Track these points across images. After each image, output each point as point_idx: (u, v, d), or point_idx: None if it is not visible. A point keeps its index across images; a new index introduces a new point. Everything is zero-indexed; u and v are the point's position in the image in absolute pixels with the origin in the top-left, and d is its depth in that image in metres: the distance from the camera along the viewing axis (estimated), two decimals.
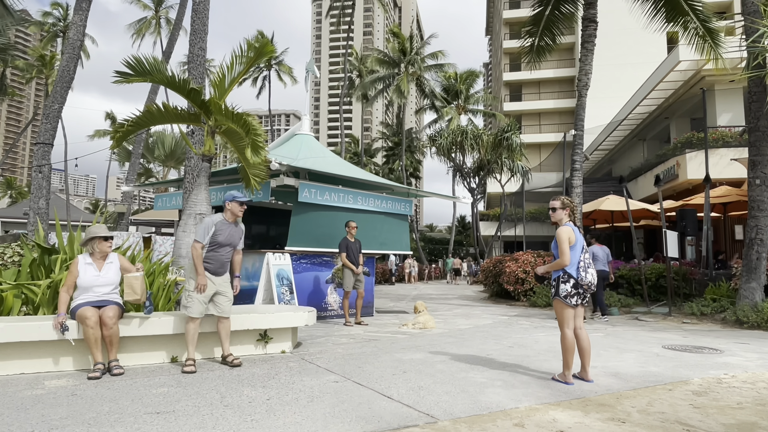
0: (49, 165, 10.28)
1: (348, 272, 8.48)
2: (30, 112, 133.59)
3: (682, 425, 3.29)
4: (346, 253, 8.48)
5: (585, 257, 4.41)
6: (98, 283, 4.60)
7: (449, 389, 4.11)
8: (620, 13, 32.11)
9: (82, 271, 4.58)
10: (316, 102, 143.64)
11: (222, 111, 6.47)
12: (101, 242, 4.68)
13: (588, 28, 12.36)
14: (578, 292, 4.33)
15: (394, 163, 49.59)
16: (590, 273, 4.36)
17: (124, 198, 23.53)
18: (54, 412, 3.38)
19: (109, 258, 4.78)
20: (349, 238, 8.62)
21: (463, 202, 13.33)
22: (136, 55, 6.11)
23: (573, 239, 4.38)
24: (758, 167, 9.11)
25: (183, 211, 7.63)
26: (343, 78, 35.72)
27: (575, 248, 4.38)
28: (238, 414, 3.38)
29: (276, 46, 43.49)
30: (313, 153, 9.87)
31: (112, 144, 6.89)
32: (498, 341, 6.77)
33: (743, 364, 5.24)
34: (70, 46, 10.62)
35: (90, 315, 4.40)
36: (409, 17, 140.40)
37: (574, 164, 12.48)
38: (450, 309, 11.89)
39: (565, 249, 4.32)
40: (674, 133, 20.97)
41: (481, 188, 32.55)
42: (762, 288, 8.77)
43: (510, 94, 42.09)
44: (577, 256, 4.37)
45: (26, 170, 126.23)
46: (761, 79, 8.60)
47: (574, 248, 4.38)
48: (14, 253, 5.89)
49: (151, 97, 21.10)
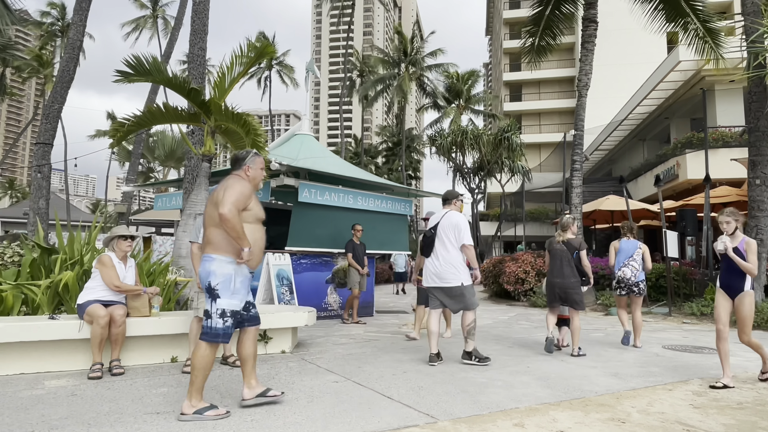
0: (49, 165, 10.28)
1: (354, 272, 8.69)
2: (30, 112, 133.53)
3: (682, 425, 3.29)
4: (352, 254, 8.72)
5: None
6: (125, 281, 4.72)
7: (449, 389, 4.11)
8: (620, 14, 32.11)
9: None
10: (316, 102, 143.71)
11: (222, 111, 6.47)
12: (120, 241, 4.74)
13: (588, 28, 12.37)
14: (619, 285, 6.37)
15: (394, 163, 49.58)
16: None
17: (124, 198, 23.54)
18: (54, 412, 3.38)
19: (129, 261, 4.88)
20: (355, 240, 8.86)
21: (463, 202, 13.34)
22: (136, 55, 6.10)
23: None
24: (758, 167, 9.11)
25: (183, 211, 7.63)
26: (343, 78, 35.72)
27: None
28: (237, 414, 3.38)
29: (277, 47, 43.59)
30: (313, 153, 9.87)
31: (112, 143, 6.89)
32: (498, 341, 6.77)
33: (743, 364, 5.23)
34: (70, 46, 10.62)
35: (104, 314, 4.40)
36: (410, 17, 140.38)
37: (574, 164, 12.49)
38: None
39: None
40: (674, 133, 20.97)
41: (481, 188, 32.53)
42: (762, 288, 8.77)
43: (510, 94, 42.08)
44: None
45: (26, 170, 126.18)
46: (761, 79, 8.61)
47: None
48: (14, 253, 5.88)
49: (151, 97, 21.12)
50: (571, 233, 5.91)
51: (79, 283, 5.30)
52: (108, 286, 4.56)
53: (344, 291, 9.35)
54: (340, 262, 9.44)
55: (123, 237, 4.75)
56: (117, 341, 4.51)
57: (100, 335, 4.36)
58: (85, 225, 7.02)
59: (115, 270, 4.61)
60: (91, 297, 4.53)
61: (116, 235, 4.76)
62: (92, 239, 5.97)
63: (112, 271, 4.59)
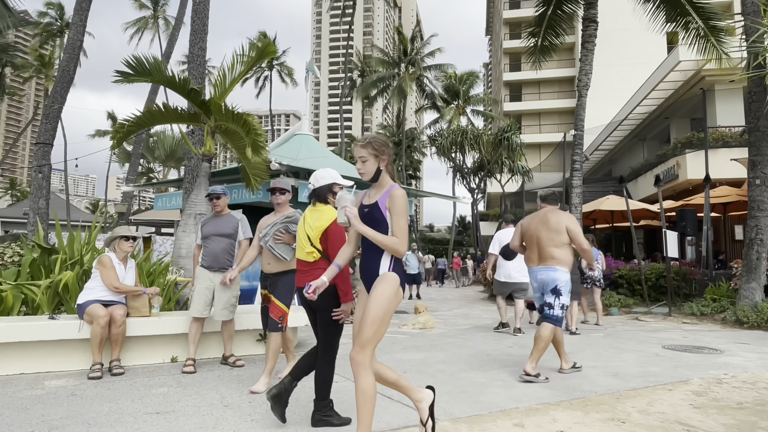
0: (49, 165, 10.28)
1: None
2: (30, 112, 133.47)
3: (682, 425, 3.29)
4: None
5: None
6: (125, 282, 4.73)
7: (449, 389, 4.11)
8: (620, 14, 32.18)
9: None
10: (316, 102, 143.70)
11: (222, 111, 6.47)
12: (122, 242, 4.75)
13: (588, 28, 12.36)
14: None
15: (394, 163, 49.52)
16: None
17: (124, 198, 23.55)
18: (54, 412, 3.38)
19: (130, 262, 4.89)
20: None
21: (463, 202, 13.36)
22: (136, 55, 6.10)
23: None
24: (758, 167, 9.10)
25: (183, 211, 7.63)
26: (343, 78, 35.72)
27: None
28: (238, 414, 3.38)
29: (277, 47, 43.53)
30: (312, 153, 9.88)
31: (112, 144, 6.90)
32: (498, 341, 6.77)
33: (743, 364, 5.24)
34: (70, 46, 10.61)
35: (103, 314, 4.40)
36: (410, 17, 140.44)
37: (574, 164, 12.49)
38: (450, 309, 11.89)
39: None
40: (674, 133, 20.96)
41: (481, 188, 32.53)
42: (762, 288, 8.76)
43: (510, 94, 42.07)
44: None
45: (26, 170, 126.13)
46: (761, 79, 8.59)
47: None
48: (14, 253, 5.89)
49: (151, 97, 21.12)
50: None
51: (79, 283, 5.31)
52: (107, 287, 4.57)
53: None
54: None
55: (125, 238, 4.75)
56: (117, 341, 4.51)
57: (100, 335, 4.36)
58: (85, 225, 7.02)
59: (114, 271, 4.62)
60: (90, 297, 4.53)
61: (118, 236, 4.76)
62: (92, 239, 5.97)
63: (111, 272, 4.60)
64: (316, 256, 3.31)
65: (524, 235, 4.83)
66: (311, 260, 3.32)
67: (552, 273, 4.52)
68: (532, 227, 4.72)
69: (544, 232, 4.59)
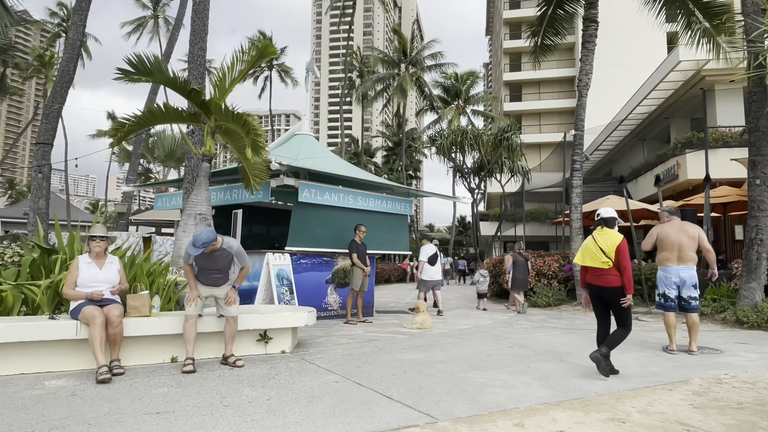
0: (49, 165, 10.28)
1: (358, 272, 8.73)
2: (30, 112, 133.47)
3: (682, 425, 3.29)
4: (356, 254, 8.74)
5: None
6: (98, 280, 4.65)
7: (449, 389, 4.11)
8: (621, 14, 32.21)
9: (83, 269, 4.64)
10: (316, 102, 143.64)
11: (222, 111, 6.47)
12: (90, 241, 4.78)
13: (589, 28, 12.37)
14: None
15: (394, 163, 49.58)
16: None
17: (124, 198, 23.54)
18: (54, 412, 3.38)
19: (109, 258, 4.86)
20: (357, 240, 8.88)
21: (463, 202, 13.35)
22: (138, 54, 6.09)
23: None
24: (758, 167, 9.10)
25: (183, 211, 7.63)
26: (343, 78, 35.74)
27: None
28: (238, 414, 3.38)
29: (277, 47, 43.53)
30: (313, 153, 9.87)
31: (112, 143, 6.89)
32: (498, 341, 6.77)
33: (743, 364, 5.24)
34: (70, 46, 10.62)
35: (97, 314, 4.38)
36: (410, 17, 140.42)
37: (574, 164, 12.49)
38: (450, 309, 11.89)
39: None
40: (674, 133, 20.96)
41: (481, 188, 32.53)
42: (762, 288, 8.76)
43: (510, 94, 42.08)
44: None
45: (26, 170, 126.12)
46: (761, 79, 8.59)
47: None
48: (14, 253, 5.88)
49: (151, 97, 21.11)
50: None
51: None
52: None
53: (344, 291, 9.36)
54: (340, 262, 9.44)
55: (91, 237, 4.78)
56: (115, 341, 4.50)
57: (98, 336, 4.33)
58: (84, 225, 7.03)
59: (73, 275, 4.59)
60: (83, 300, 4.54)
61: (88, 236, 4.81)
62: None
63: (70, 276, 4.60)
64: (609, 264, 4.60)
65: (663, 241, 5.91)
66: (606, 267, 4.63)
67: (692, 271, 5.80)
68: (672, 235, 5.87)
69: (685, 239, 5.82)
